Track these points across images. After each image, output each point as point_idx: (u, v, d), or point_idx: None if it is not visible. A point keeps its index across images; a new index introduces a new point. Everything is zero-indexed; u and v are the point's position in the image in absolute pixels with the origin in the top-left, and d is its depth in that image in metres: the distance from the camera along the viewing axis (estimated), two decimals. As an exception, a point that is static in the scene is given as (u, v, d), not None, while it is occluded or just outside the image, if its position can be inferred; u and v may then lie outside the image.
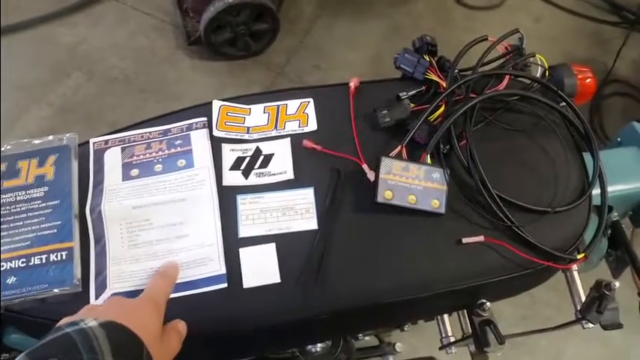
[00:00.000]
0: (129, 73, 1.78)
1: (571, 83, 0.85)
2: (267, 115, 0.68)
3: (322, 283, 0.58)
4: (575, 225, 0.64)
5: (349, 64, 1.88)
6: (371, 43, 1.94)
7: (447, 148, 0.64)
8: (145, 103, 1.72)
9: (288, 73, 1.84)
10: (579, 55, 1.93)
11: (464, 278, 0.60)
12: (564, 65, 0.86)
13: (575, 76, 0.85)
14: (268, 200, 0.62)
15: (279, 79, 1.82)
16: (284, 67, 1.85)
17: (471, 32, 1.98)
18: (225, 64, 1.83)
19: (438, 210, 0.61)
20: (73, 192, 0.61)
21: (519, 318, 1.44)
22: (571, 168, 0.66)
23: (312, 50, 1.90)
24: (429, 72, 0.69)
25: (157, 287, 0.54)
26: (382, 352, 1.04)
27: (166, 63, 1.82)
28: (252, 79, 1.80)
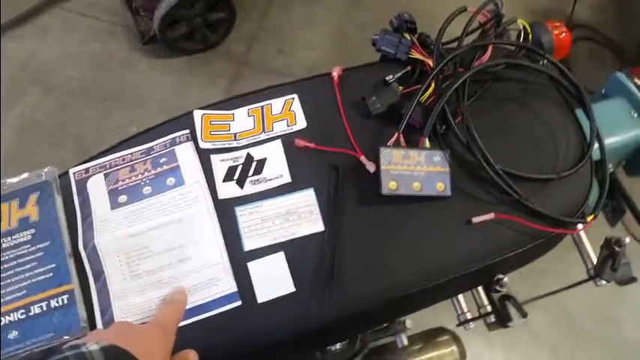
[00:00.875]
0: (86, 82, 1.71)
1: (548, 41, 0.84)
2: (253, 118, 0.65)
3: (337, 286, 0.56)
4: (580, 187, 0.63)
5: (312, 44, 1.84)
6: (331, 20, 1.90)
7: (443, 128, 0.62)
8: (108, 112, 1.65)
9: (251, 61, 1.79)
10: (538, 5, 1.93)
11: (478, 259, 0.59)
12: (539, 23, 0.85)
13: (551, 33, 0.84)
14: (268, 208, 0.60)
15: (243, 69, 1.77)
16: (246, 55, 1.80)
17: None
18: (185, 59, 1.77)
19: (444, 193, 0.59)
20: (62, 230, 0.57)
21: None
22: (568, 130, 0.65)
23: (272, 34, 1.85)
24: (413, 51, 0.67)
25: (165, 314, 0.51)
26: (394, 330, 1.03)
27: (124, 67, 1.75)
28: (215, 73, 1.75)
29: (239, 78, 1.75)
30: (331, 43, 1.84)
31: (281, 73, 1.75)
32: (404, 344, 0.94)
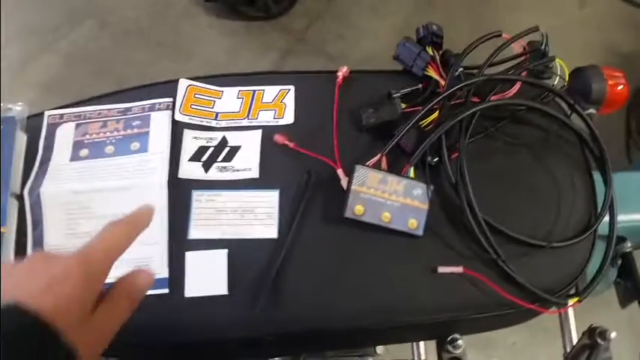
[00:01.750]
0: (142, 25, 1.72)
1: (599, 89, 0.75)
2: (241, 101, 0.61)
3: (274, 301, 0.52)
4: (574, 263, 0.56)
5: (375, 34, 1.77)
6: (401, 13, 1.82)
7: (435, 160, 0.56)
8: (156, 58, 1.65)
9: (308, 40, 1.74)
10: (625, 46, 1.77)
11: (435, 311, 0.53)
12: (593, 68, 0.76)
13: (604, 82, 0.75)
14: (227, 199, 0.56)
15: (298, 46, 1.72)
16: (305, 33, 1.75)
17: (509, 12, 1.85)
18: (244, 24, 1.74)
19: (415, 231, 0.53)
20: (13, 170, 0.55)
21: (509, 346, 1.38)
22: (577, 195, 0.57)
23: (337, 17, 1.79)
24: (429, 68, 0.60)
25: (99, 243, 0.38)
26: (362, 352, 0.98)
27: (181, 18, 1.74)
28: (269, 44, 1.71)
29: (291, 54, 1.71)
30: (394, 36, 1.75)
31: (334, 59, 1.70)
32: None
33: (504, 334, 1.43)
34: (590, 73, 0.75)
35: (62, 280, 0.34)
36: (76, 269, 0.35)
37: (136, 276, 0.39)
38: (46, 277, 0.34)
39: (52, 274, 0.34)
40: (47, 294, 0.32)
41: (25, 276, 0.34)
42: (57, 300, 0.32)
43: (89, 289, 0.35)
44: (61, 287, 0.33)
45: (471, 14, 1.80)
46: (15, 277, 0.34)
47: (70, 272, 0.34)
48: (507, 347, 1.42)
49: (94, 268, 0.36)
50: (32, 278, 0.34)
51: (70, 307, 0.33)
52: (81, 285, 0.34)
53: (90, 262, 0.35)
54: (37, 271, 0.34)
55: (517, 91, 0.59)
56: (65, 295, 0.33)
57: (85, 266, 0.35)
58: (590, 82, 0.74)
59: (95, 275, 0.36)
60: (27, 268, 0.35)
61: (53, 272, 0.34)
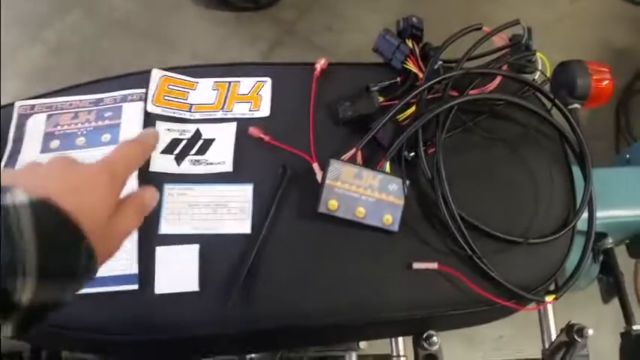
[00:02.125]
0: (130, 15, 1.69)
1: (584, 84, 0.74)
2: (216, 93, 0.59)
3: (246, 298, 0.51)
4: (552, 259, 0.55)
5: (365, 27, 1.75)
6: (392, 6, 1.80)
7: (411, 155, 0.55)
8: (143, 50, 1.63)
9: (297, 31, 1.72)
10: (617, 41, 1.76)
11: (409, 308, 0.52)
12: (578, 62, 0.75)
13: (589, 77, 0.74)
14: (199, 193, 0.54)
15: (286, 37, 1.70)
16: (294, 24, 1.73)
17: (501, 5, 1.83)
18: (232, 15, 1.72)
19: (390, 227, 0.52)
20: (-20, 162, 0.54)
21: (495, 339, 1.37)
22: (556, 191, 0.57)
23: (327, 8, 1.77)
24: (408, 60, 0.59)
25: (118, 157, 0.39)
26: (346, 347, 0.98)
27: (171, 8, 1.71)
28: (257, 34, 1.69)
29: (280, 45, 1.69)
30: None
31: (323, 50, 1.68)
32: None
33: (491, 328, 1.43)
34: (575, 67, 0.74)
35: (88, 184, 0.35)
36: (101, 176, 0.36)
37: (143, 193, 0.41)
38: (72, 180, 0.34)
39: (78, 178, 0.35)
40: (74, 196, 0.33)
41: (52, 176, 0.34)
42: (83, 203, 0.33)
43: (111, 196, 0.36)
44: (87, 191, 0.34)
45: (462, 7, 1.79)
46: (41, 175, 0.35)
47: (96, 178, 0.36)
48: (494, 341, 1.42)
49: (116, 177, 0.37)
50: (59, 179, 0.34)
51: (94, 211, 0.34)
52: (104, 191, 0.36)
53: (113, 171, 0.37)
54: (64, 174, 0.35)
55: (497, 85, 0.58)
56: (90, 198, 0.34)
57: (108, 174, 0.36)
58: (574, 76, 0.73)
59: (116, 184, 0.37)
60: (53, 169, 0.35)
61: (80, 176, 0.35)
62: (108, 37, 1.66)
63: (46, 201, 0.31)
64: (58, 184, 0.33)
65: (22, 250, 0.28)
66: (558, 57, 0.83)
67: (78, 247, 0.31)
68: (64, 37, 1.65)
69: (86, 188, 0.34)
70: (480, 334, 1.42)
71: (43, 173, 0.35)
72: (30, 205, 0.29)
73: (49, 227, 0.30)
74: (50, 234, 0.30)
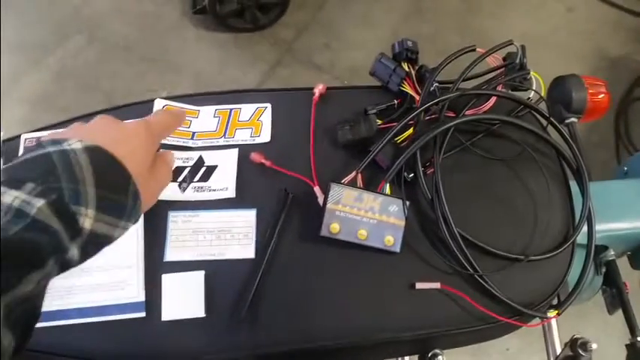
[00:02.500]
0: (130, 40, 1.72)
1: (580, 98, 0.76)
2: (217, 120, 0.61)
3: (252, 323, 0.52)
4: (553, 275, 0.56)
5: (363, 45, 1.77)
6: (389, 23, 1.83)
7: (410, 176, 0.56)
8: (144, 73, 1.65)
9: (296, 50, 1.75)
10: (614, 51, 1.78)
11: (414, 328, 0.53)
12: (574, 77, 0.77)
13: (585, 91, 0.76)
14: (203, 220, 0.55)
15: (286, 57, 1.73)
16: (292, 43, 1.76)
17: (497, 19, 1.86)
18: (232, 36, 1.74)
19: (392, 248, 0.53)
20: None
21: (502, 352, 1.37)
22: (554, 207, 0.57)
23: (325, 26, 1.80)
24: (405, 83, 0.60)
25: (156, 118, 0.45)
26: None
27: (170, 31, 1.74)
28: (257, 55, 1.71)
29: (279, 64, 1.71)
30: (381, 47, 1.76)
31: (322, 69, 1.70)
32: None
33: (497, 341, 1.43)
34: (570, 82, 0.76)
35: (132, 135, 0.40)
36: (143, 129, 0.41)
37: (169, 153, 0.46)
38: (117, 131, 0.39)
39: (121, 131, 0.39)
40: (121, 144, 0.37)
41: (99, 129, 0.39)
42: (129, 150, 0.38)
43: (149, 148, 0.41)
44: (131, 140, 0.39)
45: (459, 23, 1.81)
46: (88, 129, 0.39)
47: (138, 130, 0.41)
48: (501, 353, 1.41)
49: (152, 133, 0.42)
50: (106, 131, 0.39)
51: (138, 158, 0.39)
52: (146, 142, 0.40)
53: (152, 127, 0.42)
54: (109, 127, 0.40)
55: (492, 105, 0.60)
56: (134, 147, 0.39)
57: (146, 129, 0.41)
58: (570, 91, 0.75)
59: (153, 139, 0.42)
60: (99, 124, 0.40)
61: (124, 129, 0.40)
62: (109, 62, 1.68)
63: (97, 147, 0.35)
64: (105, 136, 0.37)
65: (84, 184, 0.33)
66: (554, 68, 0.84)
67: (126, 186, 0.36)
68: (66, 62, 1.67)
69: (129, 139, 0.39)
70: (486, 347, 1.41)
71: (91, 129, 0.39)
72: (85, 149, 0.34)
73: (103, 167, 0.35)
74: (104, 173, 0.35)
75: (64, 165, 0.33)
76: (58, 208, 0.31)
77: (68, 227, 0.32)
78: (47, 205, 0.31)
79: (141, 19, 1.76)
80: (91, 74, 1.65)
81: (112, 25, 1.75)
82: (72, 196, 0.32)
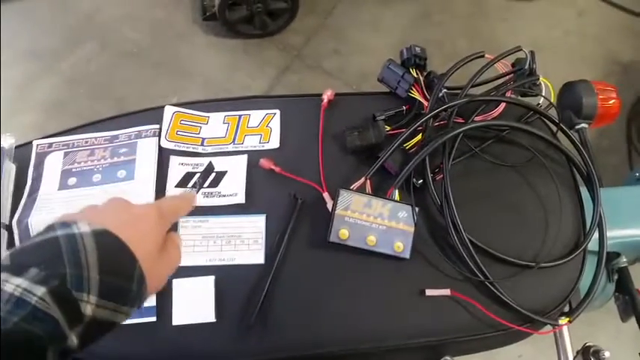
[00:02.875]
0: (142, 46, 1.73)
1: (590, 104, 0.75)
2: (227, 126, 0.61)
3: (262, 327, 0.52)
4: (564, 282, 0.55)
5: (371, 50, 1.77)
6: (397, 28, 1.83)
7: (419, 182, 0.56)
8: (155, 79, 1.66)
9: (305, 56, 1.75)
10: (624, 55, 1.77)
11: (424, 334, 0.53)
12: (584, 82, 0.76)
13: (595, 96, 0.75)
14: (213, 225, 0.56)
15: (295, 63, 1.73)
16: (302, 49, 1.76)
17: (507, 24, 1.85)
18: (241, 42, 1.75)
19: (402, 254, 0.53)
20: (2, 200, 0.56)
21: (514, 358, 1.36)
22: (565, 214, 0.57)
23: (334, 32, 1.80)
24: (413, 89, 0.61)
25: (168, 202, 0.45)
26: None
27: (181, 38, 1.75)
28: (267, 60, 1.72)
29: (288, 70, 1.72)
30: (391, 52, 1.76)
31: (331, 74, 1.70)
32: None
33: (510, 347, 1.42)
34: (580, 87, 0.75)
35: (142, 218, 0.40)
36: (154, 212, 0.41)
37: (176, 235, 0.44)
38: (127, 214, 0.39)
39: (133, 213, 0.39)
40: (129, 228, 0.37)
41: (110, 212, 0.39)
42: (137, 233, 0.37)
43: (159, 231, 0.40)
44: (141, 223, 0.39)
45: (468, 27, 1.80)
46: (98, 211, 0.39)
47: (149, 213, 0.40)
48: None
49: (163, 217, 0.41)
50: (116, 214, 0.39)
51: (146, 242, 0.38)
52: (155, 226, 0.40)
53: (162, 210, 0.42)
54: (120, 209, 0.40)
55: (502, 111, 0.59)
56: (143, 231, 0.39)
57: (157, 212, 0.41)
58: (580, 97, 0.74)
59: (164, 222, 0.42)
60: (110, 207, 0.40)
61: (134, 212, 0.40)
62: (121, 68, 1.70)
63: (105, 231, 0.35)
64: (115, 219, 0.37)
65: (87, 270, 0.33)
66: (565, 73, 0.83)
67: (132, 271, 0.36)
68: (78, 69, 1.69)
69: (138, 222, 0.39)
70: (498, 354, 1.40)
71: (101, 211, 0.39)
72: (92, 234, 0.34)
73: (109, 252, 0.35)
74: (109, 258, 0.34)
75: (70, 250, 0.33)
76: (59, 295, 0.31)
77: (69, 314, 0.32)
78: (48, 293, 0.31)
79: (152, 26, 1.78)
80: (103, 80, 1.67)
81: (124, 31, 1.76)
82: (75, 282, 0.32)
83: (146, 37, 1.76)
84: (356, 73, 1.71)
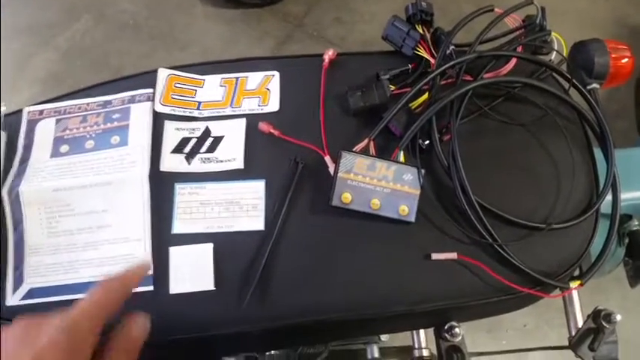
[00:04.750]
0: (139, 18, 1.70)
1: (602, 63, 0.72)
2: (224, 89, 0.58)
3: (262, 295, 0.50)
4: (576, 244, 0.53)
5: (374, 17, 1.74)
6: (400, -5, 1.78)
7: (425, 143, 0.53)
8: (153, 50, 1.64)
9: (306, 25, 1.71)
10: (633, 19, 1.72)
11: (429, 299, 0.51)
12: (596, 41, 0.73)
13: (608, 55, 0.72)
14: (211, 192, 0.54)
15: (296, 32, 1.70)
16: (303, 18, 1.72)
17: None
18: (240, 12, 1.71)
19: (407, 218, 0.51)
20: (-9, 169, 0.54)
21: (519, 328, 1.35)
22: (578, 174, 0.55)
23: (335, 1, 1.76)
24: (419, 47, 0.58)
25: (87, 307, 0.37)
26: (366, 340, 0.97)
27: (178, 9, 1.72)
28: (266, 31, 1.69)
29: (289, 40, 1.68)
30: (394, 21, 1.73)
31: (333, 43, 1.67)
32: (374, 357, 0.87)
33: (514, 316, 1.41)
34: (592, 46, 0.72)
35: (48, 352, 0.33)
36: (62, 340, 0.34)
37: (130, 328, 0.38)
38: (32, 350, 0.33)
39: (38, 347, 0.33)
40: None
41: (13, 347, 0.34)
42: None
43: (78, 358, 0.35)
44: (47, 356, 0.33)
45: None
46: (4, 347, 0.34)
47: (56, 344, 0.34)
48: (518, 329, 1.40)
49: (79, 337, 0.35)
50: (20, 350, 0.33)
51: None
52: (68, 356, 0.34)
53: (75, 331, 0.35)
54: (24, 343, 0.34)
55: (512, 67, 0.57)
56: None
57: (70, 336, 0.34)
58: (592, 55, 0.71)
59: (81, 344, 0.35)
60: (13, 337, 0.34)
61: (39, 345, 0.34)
62: (118, 40, 1.67)
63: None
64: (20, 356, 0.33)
65: None
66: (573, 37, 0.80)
67: None
68: (75, 42, 1.66)
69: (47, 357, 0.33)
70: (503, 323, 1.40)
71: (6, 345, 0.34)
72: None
73: None
74: None
75: None
76: None
77: None
78: None
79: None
80: (100, 53, 1.64)
81: (120, 3, 1.73)
82: None
83: (142, 9, 1.73)
84: (359, 42, 1.68)
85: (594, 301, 0.60)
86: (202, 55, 1.62)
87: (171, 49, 1.64)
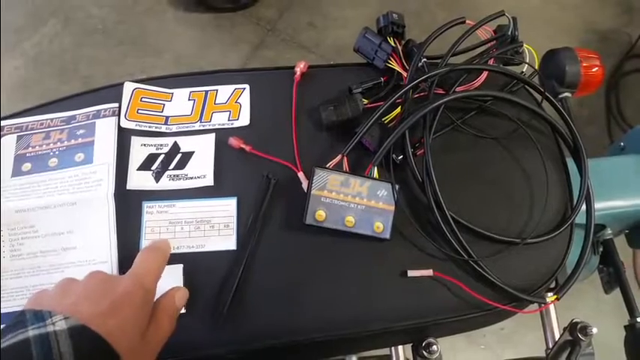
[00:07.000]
0: (108, 23, 1.66)
1: (574, 72, 0.72)
2: (192, 103, 0.57)
3: (236, 316, 0.49)
4: (551, 258, 0.53)
5: (347, 22, 1.73)
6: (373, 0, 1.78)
7: (399, 158, 0.53)
8: (122, 56, 1.60)
9: (279, 30, 1.70)
10: (602, 25, 1.75)
11: (407, 317, 0.50)
12: (567, 50, 0.74)
13: (579, 64, 0.73)
14: (180, 210, 0.52)
15: (269, 37, 1.68)
16: (276, 23, 1.71)
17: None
18: (212, 16, 1.69)
19: (382, 235, 0.50)
20: (-53, 190, 0.51)
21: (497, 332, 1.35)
22: (551, 187, 0.55)
23: (307, 5, 1.75)
24: (391, 60, 0.57)
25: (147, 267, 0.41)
26: (344, 352, 0.96)
27: (148, 13, 1.68)
28: (239, 36, 1.67)
29: (262, 45, 1.67)
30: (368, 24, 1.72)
31: (306, 48, 1.66)
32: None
33: (492, 321, 1.43)
34: (563, 55, 0.72)
35: (125, 302, 0.36)
36: (136, 293, 0.37)
37: (174, 295, 0.42)
38: (108, 299, 0.36)
39: (114, 297, 0.36)
40: (111, 317, 0.34)
41: (88, 298, 0.36)
42: (120, 322, 0.35)
43: (145, 312, 0.38)
44: (123, 310, 0.36)
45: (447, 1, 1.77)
46: (76, 295, 0.36)
47: (131, 295, 0.37)
48: (495, 334, 1.40)
49: (150, 289, 0.39)
50: (95, 302, 0.35)
51: (131, 330, 0.36)
52: (140, 308, 0.37)
53: (145, 285, 0.38)
54: (99, 293, 0.36)
55: (484, 80, 0.56)
56: (127, 317, 0.35)
57: (143, 289, 0.38)
58: (563, 64, 0.71)
59: (151, 295, 0.39)
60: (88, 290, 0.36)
61: (116, 296, 0.36)
62: (87, 46, 1.63)
63: (83, 327, 0.33)
64: (94, 308, 0.34)
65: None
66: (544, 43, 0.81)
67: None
68: (42, 48, 1.62)
69: (121, 309, 0.35)
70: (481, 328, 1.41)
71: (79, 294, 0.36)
72: (68, 331, 0.32)
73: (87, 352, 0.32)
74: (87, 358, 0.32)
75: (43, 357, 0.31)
76: None
77: None
78: None
79: (117, 1, 1.70)
80: (69, 59, 1.60)
81: (88, 7, 1.69)
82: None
83: (111, 13, 1.69)
84: (332, 47, 1.67)
85: (570, 305, 0.60)
86: (175, 61, 1.59)
87: (142, 55, 1.61)
